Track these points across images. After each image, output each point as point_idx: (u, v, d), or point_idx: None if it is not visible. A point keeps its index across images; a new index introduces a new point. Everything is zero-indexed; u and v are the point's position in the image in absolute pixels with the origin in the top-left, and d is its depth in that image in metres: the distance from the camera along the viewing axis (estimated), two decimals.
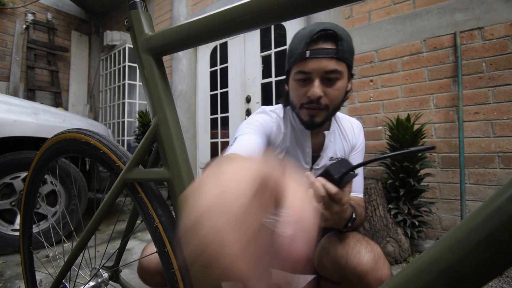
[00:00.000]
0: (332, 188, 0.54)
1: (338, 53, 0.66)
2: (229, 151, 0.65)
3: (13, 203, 1.78)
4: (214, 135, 3.13)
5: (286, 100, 0.80)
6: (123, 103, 4.00)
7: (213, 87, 3.13)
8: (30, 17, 4.00)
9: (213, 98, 3.13)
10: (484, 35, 1.63)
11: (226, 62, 2.98)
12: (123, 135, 4.01)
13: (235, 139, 0.70)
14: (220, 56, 3.05)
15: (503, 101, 1.57)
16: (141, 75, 0.47)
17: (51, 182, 1.85)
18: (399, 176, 1.63)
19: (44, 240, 0.88)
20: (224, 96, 2.99)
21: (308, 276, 0.86)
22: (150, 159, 0.53)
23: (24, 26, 3.96)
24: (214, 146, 3.13)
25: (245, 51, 2.80)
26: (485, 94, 1.62)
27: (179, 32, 0.40)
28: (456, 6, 1.71)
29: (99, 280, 0.61)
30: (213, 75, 3.14)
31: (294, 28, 2.49)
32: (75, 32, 4.60)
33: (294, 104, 0.75)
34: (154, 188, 0.49)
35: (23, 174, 1.78)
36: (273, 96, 2.54)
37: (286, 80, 0.77)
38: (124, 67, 3.97)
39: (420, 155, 1.63)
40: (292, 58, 0.70)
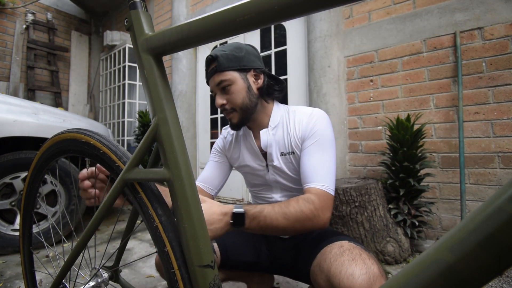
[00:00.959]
0: None
1: (218, 67, 0.81)
2: (197, 181, 0.95)
3: (13, 203, 1.78)
4: (214, 135, 3.13)
5: None
6: (123, 103, 4.00)
7: None
8: (30, 17, 4.00)
9: (213, 98, 3.12)
10: (484, 35, 1.63)
11: None
12: (123, 135, 4.01)
13: (206, 165, 1.01)
14: None
15: (503, 101, 1.57)
16: (141, 75, 0.47)
17: (51, 182, 1.85)
18: (399, 176, 1.63)
19: (44, 240, 0.88)
20: None
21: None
22: (150, 159, 0.52)
23: (24, 26, 3.96)
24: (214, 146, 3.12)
25: None
26: (485, 94, 1.62)
27: (179, 32, 0.40)
28: (456, 6, 1.71)
29: (99, 280, 0.61)
30: None
31: (294, 28, 2.49)
32: (75, 32, 4.60)
33: None
34: (154, 188, 0.49)
35: (23, 174, 1.78)
36: None
37: None
38: (124, 67, 3.97)
39: (420, 155, 1.63)
40: None
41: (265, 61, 2.68)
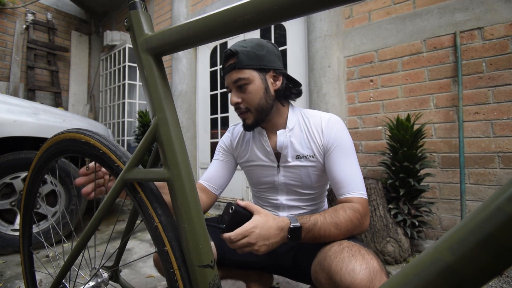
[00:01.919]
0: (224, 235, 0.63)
1: (236, 64, 0.79)
2: (201, 180, 0.95)
3: (13, 203, 1.78)
4: (214, 135, 3.13)
5: None
6: (123, 103, 4.00)
7: (213, 87, 3.13)
8: (30, 17, 4.00)
9: (213, 98, 3.14)
10: (484, 35, 1.63)
11: None
12: (123, 135, 4.01)
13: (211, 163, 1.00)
14: (220, 56, 3.05)
15: (503, 101, 1.57)
16: (140, 75, 0.47)
17: (51, 182, 1.85)
18: (399, 176, 1.63)
19: (44, 240, 0.88)
20: (224, 96, 3.00)
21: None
22: (150, 159, 0.53)
23: (24, 26, 3.96)
24: (214, 146, 3.13)
25: None
26: (485, 94, 1.62)
27: (179, 32, 0.40)
28: (456, 6, 1.71)
29: (99, 280, 0.61)
30: (213, 75, 3.14)
31: (294, 28, 2.49)
32: (75, 32, 4.60)
33: None
34: (154, 188, 0.49)
35: (23, 174, 1.78)
36: None
37: None
38: (124, 67, 3.97)
39: (420, 155, 1.63)
40: None
41: None
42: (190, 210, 0.44)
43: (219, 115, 3.04)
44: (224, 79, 0.84)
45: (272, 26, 2.64)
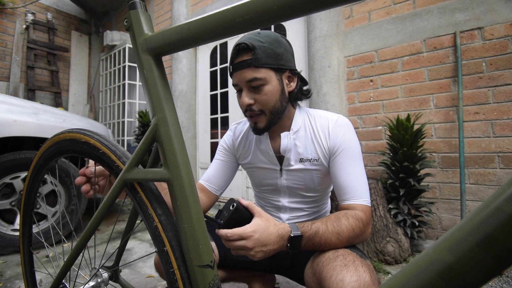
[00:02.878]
0: (219, 231, 0.60)
1: (253, 62, 0.71)
2: (201, 180, 0.92)
3: (13, 203, 1.78)
4: (214, 135, 3.13)
5: None
6: (123, 103, 4.00)
7: (213, 87, 3.13)
8: (30, 17, 4.00)
9: (213, 98, 3.13)
10: (484, 35, 1.63)
11: (226, 62, 2.97)
12: (123, 135, 4.01)
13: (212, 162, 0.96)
14: (220, 56, 3.05)
15: (503, 101, 1.57)
16: (140, 75, 0.47)
17: (51, 182, 1.85)
18: (399, 176, 1.63)
19: (44, 240, 0.88)
20: (224, 96, 3.00)
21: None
22: (149, 159, 0.53)
23: (24, 26, 3.96)
24: (214, 146, 3.13)
25: None
26: (485, 94, 1.62)
27: (178, 32, 0.40)
28: (456, 6, 1.71)
29: (99, 280, 0.61)
30: (213, 75, 3.14)
31: (294, 28, 2.49)
32: (75, 32, 4.60)
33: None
34: (154, 188, 0.49)
35: (23, 174, 1.78)
36: None
37: None
38: (124, 67, 3.97)
39: (420, 155, 1.63)
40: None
41: None
42: (190, 210, 0.44)
43: (219, 115, 3.04)
44: (232, 75, 0.76)
45: (272, 26, 2.64)
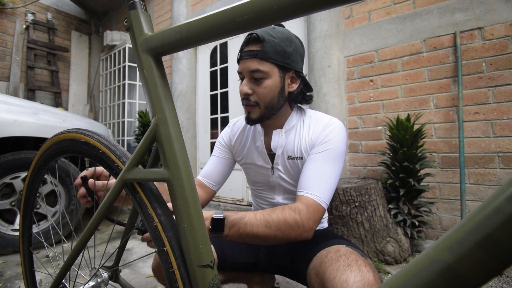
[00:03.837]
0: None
1: (259, 54, 0.72)
2: (199, 176, 0.94)
3: (13, 203, 1.78)
4: (214, 135, 3.13)
5: None
6: (123, 103, 4.00)
7: (213, 87, 3.13)
8: (30, 17, 4.00)
9: (213, 98, 3.13)
10: (484, 35, 1.63)
11: (226, 62, 2.98)
12: (123, 135, 4.01)
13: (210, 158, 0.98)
14: (220, 56, 3.05)
15: (503, 101, 1.57)
16: (140, 75, 0.47)
17: (51, 182, 1.85)
18: (399, 176, 1.63)
19: (44, 240, 0.88)
20: (224, 96, 2.99)
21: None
22: (149, 159, 0.53)
23: (24, 26, 3.96)
24: (214, 146, 3.12)
25: None
26: (485, 94, 1.62)
27: (178, 32, 0.40)
28: (456, 6, 1.71)
29: (99, 280, 0.61)
30: (213, 75, 3.14)
31: (294, 28, 2.49)
32: (75, 32, 4.60)
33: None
34: (154, 187, 0.49)
35: (23, 174, 1.78)
36: None
37: None
38: (124, 67, 3.97)
39: (420, 155, 1.63)
40: None
41: None
42: (190, 210, 0.44)
43: (219, 115, 3.04)
44: (238, 62, 0.77)
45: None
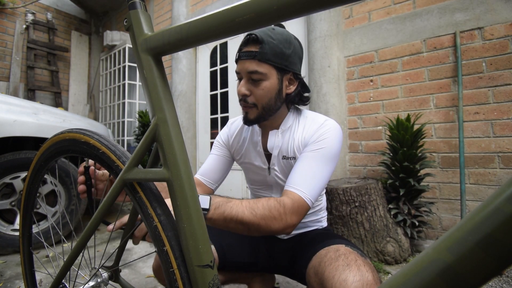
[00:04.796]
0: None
1: (258, 55, 0.72)
2: (197, 174, 0.93)
3: (13, 203, 1.78)
4: (214, 135, 3.13)
5: None
6: (123, 103, 4.00)
7: (213, 87, 3.13)
8: (30, 17, 4.00)
9: (213, 98, 3.14)
10: (484, 35, 1.63)
11: (226, 62, 2.98)
12: (123, 135, 4.01)
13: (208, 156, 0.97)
14: (220, 56, 3.05)
15: (503, 101, 1.57)
16: (140, 75, 0.47)
17: (51, 182, 1.85)
18: (399, 176, 1.63)
19: (44, 240, 0.88)
20: (224, 96, 3.00)
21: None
22: (149, 159, 0.52)
23: (24, 26, 3.96)
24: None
25: None
26: (485, 94, 1.62)
27: (178, 32, 0.40)
28: (456, 6, 1.71)
29: (99, 280, 0.61)
30: (213, 75, 3.14)
31: (294, 28, 2.49)
32: (75, 32, 4.60)
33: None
34: (153, 187, 0.49)
35: (23, 174, 1.78)
36: None
37: None
38: (124, 67, 3.97)
39: (420, 155, 1.63)
40: None
41: None
42: (190, 210, 0.44)
43: (219, 115, 3.04)
44: (237, 62, 0.78)
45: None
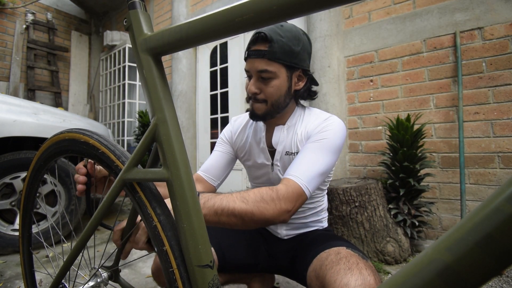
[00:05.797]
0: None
1: (267, 54, 0.72)
2: (199, 171, 0.94)
3: (13, 203, 1.78)
4: (214, 135, 3.13)
5: None
6: (123, 103, 4.00)
7: (213, 87, 3.13)
8: (30, 17, 4.00)
9: (213, 98, 3.13)
10: (484, 35, 1.63)
11: (226, 62, 2.98)
12: (123, 135, 4.01)
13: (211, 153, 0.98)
14: (220, 56, 3.05)
15: (503, 101, 1.57)
16: (140, 75, 0.47)
17: (51, 182, 1.85)
18: (399, 176, 1.63)
19: (43, 240, 0.88)
20: (224, 96, 3.00)
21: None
22: (149, 159, 0.52)
23: (24, 26, 3.96)
24: (214, 146, 3.12)
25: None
26: (485, 94, 1.62)
27: (178, 32, 0.40)
28: (456, 6, 1.71)
29: (99, 280, 0.61)
30: (213, 75, 3.14)
31: None
32: (75, 32, 4.60)
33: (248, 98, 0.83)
34: (153, 187, 0.49)
35: (23, 174, 1.78)
36: None
37: None
38: (124, 67, 3.97)
39: (420, 155, 1.63)
40: None
41: None
42: (189, 210, 0.44)
43: (219, 115, 3.04)
44: (246, 60, 0.78)
45: None
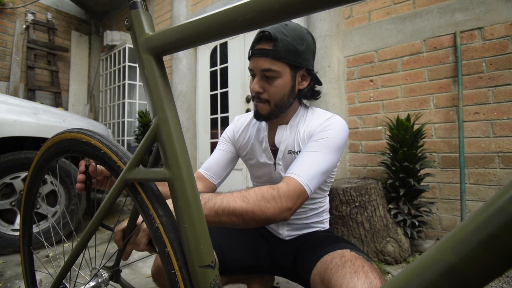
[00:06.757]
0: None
1: (271, 53, 0.72)
2: (200, 169, 0.93)
3: (13, 203, 1.78)
4: (214, 135, 3.12)
5: None
6: (123, 103, 4.00)
7: (213, 87, 3.13)
8: (30, 17, 4.00)
9: (213, 98, 3.13)
10: (484, 35, 1.63)
11: (226, 62, 2.97)
12: (123, 135, 4.01)
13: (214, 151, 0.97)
14: (220, 56, 3.05)
15: (503, 101, 1.57)
16: (141, 75, 0.47)
17: (51, 182, 1.85)
18: (399, 176, 1.63)
19: (44, 240, 0.88)
20: (224, 96, 2.99)
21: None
22: (150, 159, 0.52)
23: (24, 26, 3.96)
24: (214, 146, 3.12)
25: (245, 51, 2.80)
26: (485, 94, 1.62)
27: (179, 32, 0.40)
28: (456, 6, 1.71)
29: (99, 280, 0.61)
30: (213, 75, 3.14)
31: None
32: (75, 32, 4.60)
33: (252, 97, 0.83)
34: (155, 188, 0.49)
35: (23, 174, 1.78)
36: None
37: None
38: (124, 67, 3.96)
39: (420, 155, 1.63)
40: None
41: None
42: (191, 210, 0.44)
43: (219, 115, 3.03)
44: (249, 59, 0.78)
45: None
